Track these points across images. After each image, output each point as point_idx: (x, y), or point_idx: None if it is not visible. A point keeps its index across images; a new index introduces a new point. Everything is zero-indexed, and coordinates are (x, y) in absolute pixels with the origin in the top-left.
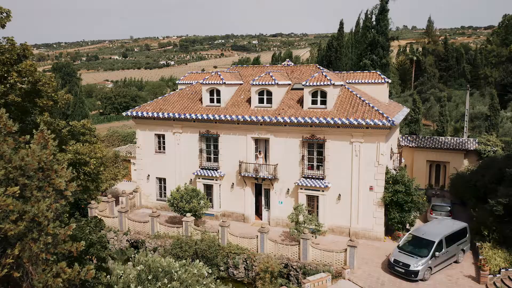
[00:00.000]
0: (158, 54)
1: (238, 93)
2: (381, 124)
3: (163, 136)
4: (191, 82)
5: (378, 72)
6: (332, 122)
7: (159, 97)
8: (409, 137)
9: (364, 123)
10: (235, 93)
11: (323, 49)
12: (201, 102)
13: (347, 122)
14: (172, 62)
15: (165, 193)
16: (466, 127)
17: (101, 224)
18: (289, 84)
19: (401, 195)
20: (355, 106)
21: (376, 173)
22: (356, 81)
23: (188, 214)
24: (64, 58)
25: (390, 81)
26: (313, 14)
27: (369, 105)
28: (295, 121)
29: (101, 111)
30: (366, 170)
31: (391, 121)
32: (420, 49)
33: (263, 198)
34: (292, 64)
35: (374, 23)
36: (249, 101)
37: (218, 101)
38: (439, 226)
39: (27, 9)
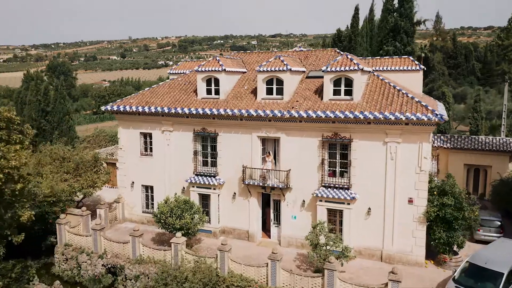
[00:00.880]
0: (156, 55)
1: (241, 83)
2: (426, 119)
3: (150, 135)
4: (184, 72)
5: (411, 58)
6: (361, 116)
7: (145, 89)
8: (442, 137)
9: (403, 118)
10: (237, 83)
11: (328, 44)
12: (196, 94)
13: (381, 116)
14: (171, 63)
15: (152, 203)
16: (504, 125)
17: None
18: (304, 72)
19: (450, 209)
20: (390, 97)
21: (417, 181)
22: (384, 68)
23: (179, 234)
24: (62, 58)
25: (425, 68)
26: (312, 15)
27: (407, 96)
28: (313, 115)
29: (94, 110)
30: (404, 178)
31: (438, 116)
32: (428, 45)
33: (271, 211)
34: (305, 49)
35: (396, 6)
36: (254, 92)
37: (217, 92)
38: (504, 250)
39: (25, 10)
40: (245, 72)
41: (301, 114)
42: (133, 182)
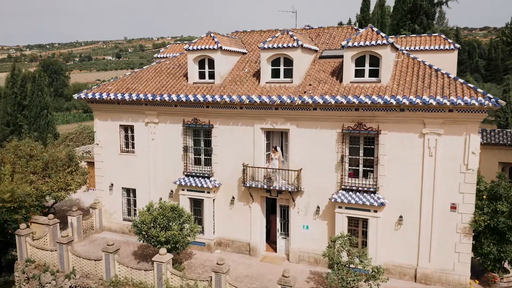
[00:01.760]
0: (152, 55)
1: (241, 65)
2: (476, 104)
3: (132, 128)
4: (174, 56)
5: (443, 36)
6: (393, 102)
7: (127, 74)
8: None
9: (447, 103)
10: (237, 65)
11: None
12: (187, 78)
13: (418, 101)
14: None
15: (135, 210)
16: None
17: None
18: (316, 51)
19: (503, 218)
20: (426, 78)
21: (463, 183)
22: (411, 48)
23: (163, 250)
24: (56, 58)
25: (459, 46)
26: (314, 8)
27: (449, 77)
28: (332, 101)
29: (85, 108)
30: (445, 179)
31: (492, 100)
32: None
33: (278, 219)
34: (315, 27)
35: None
36: (257, 75)
37: (212, 76)
38: None
39: (20, 10)
40: (245, 53)
41: (316, 100)
42: (112, 184)
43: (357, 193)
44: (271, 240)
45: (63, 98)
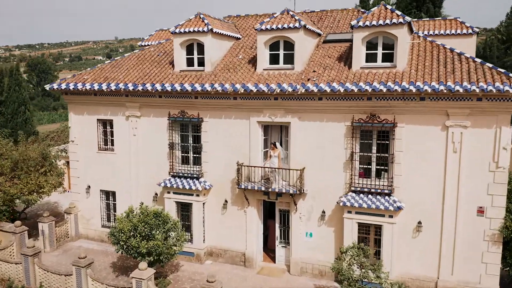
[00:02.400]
0: None
1: (234, 51)
2: (511, 91)
3: (111, 123)
4: (160, 42)
5: (460, 19)
6: (412, 89)
7: (106, 61)
8: None
9: (476, 90)
10: (230, 51)
11: None
12: (173, 66)
13: (442, 88)
14: None
15: (115, 215)
16: None
17: None
18: (320, 35)
19: None
20: (449, 63)
21: (492, 183)
22: (426, 32)
23: (143, 264)
24: (46, 58)
25: (478, 30)
26: None
27: (474, 61)
28: (341, 89)
29: None
30: (472, 178)
31: None
32: None
33: (277, 225)
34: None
35: None
36: (253, 61)
37: (201, 63)
38: None
39: (8, 10)
40: (239, 38)
41: (322, 88)
42: (89, 187)
43: (369, 196)
44: (268, 249)
45: (51, 98)
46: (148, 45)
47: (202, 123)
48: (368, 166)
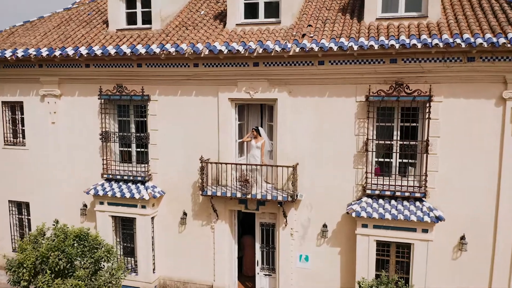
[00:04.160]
0: None
1: (194, 6)
2: None
3: (21, 106)
4: (94, 0)
5: None
6: (460, 43)
7: (17, 24)
8: None
9: None
10: (188, 6)
11: None
12: (107, 25)
13: (504, 41)
14: None
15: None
16: None
17: None
18: None
19: None
20: (498, 13)
21: None
22: None
23: None
24: None
25: None
26: None
27: None
28: (354, 47)
29: None
30: None
31: None
32: None
33: (257, 245)
34: None
35: None
36: (222, 17)
37: (147, 19)
38: None
39: None
40: None
41: (325, 45)
42: None
43: (392, 202)
44: (244, 275)
45: None
46: (79, 2)
47: (149, 103)
48: (387, 159)
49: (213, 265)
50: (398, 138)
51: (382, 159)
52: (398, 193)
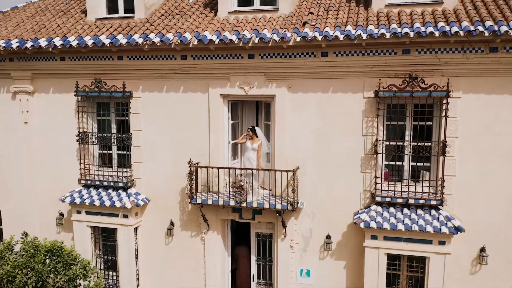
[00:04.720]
0: None
1: None
2: None
3: None
4: None
5: None
6: (483, 31)
7: None
8: None
9: None
10: None
11: None
12: (86, 14)
13: None
14: None
15: None
16: None
17: None
18: None
19: None
20: None
21: None
22: None
23: None
24: None
25: None
26: None
27: None
28: (362, 35)
29: None
30: None
31: None
32: None
33: (253, 258)
34: None
35: None
36: (213, 4)
37: (130, 8)
38: None
39: None
40: None
41: (330, 34)
42: None
43: (405, 210)
44: None
45: None
46: None
47: (132, 100)
48: (399, 162)
49: (204, 280)
50: (411, 139)
51: (392, 162)
52: (411, 201)
